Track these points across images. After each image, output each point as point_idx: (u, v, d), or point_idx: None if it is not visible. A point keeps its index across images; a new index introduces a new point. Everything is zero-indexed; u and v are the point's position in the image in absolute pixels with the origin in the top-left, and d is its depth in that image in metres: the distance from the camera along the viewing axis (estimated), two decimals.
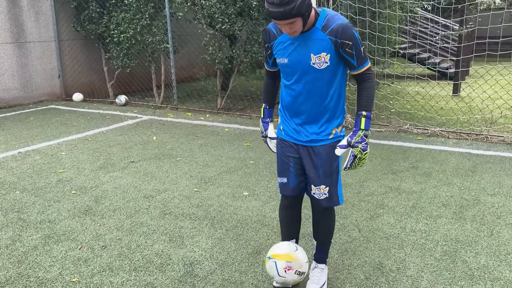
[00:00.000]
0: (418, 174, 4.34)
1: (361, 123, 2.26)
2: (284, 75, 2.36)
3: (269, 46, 2.35)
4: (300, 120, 2.34)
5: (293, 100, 2.32)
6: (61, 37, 8.83)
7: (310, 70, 2.22)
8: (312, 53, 2.19)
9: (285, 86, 2.37)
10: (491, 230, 3.18)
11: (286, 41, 2.25)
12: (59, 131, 6.30)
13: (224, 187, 4.09)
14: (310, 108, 2.30)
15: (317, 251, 2.57)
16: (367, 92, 2.28)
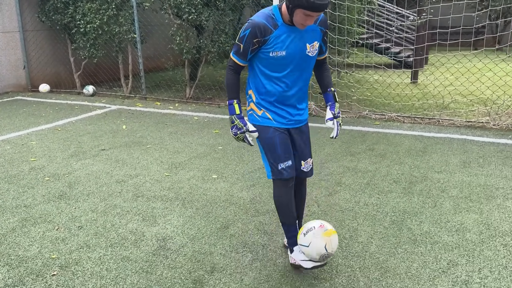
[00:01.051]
0: (374, 155, 4.70)
1: (334, 97, 2.65)
2: (273, 68, 2.44)
3: (261, 41, 2.37)
4: (290, 105, 2.56)
5: (284, 90, 2.50)
6: (25, 27, 8.72)
7: (305, 59, 2.46)
8: (307, 42, 2.43)
9: (271, 78, 2.47)
10: (435, 202, 3.55)
11: (282, 34, 2.37)
12: (28, 122, 6.33)
13: (194, 171, 4.32)
14: (298, 93, 2.56)
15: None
16: (327, 73, 2.70)
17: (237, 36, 2.46)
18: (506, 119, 5.79)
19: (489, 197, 3.62)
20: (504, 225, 3.16)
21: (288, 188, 2.58)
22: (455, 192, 3.73)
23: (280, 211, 2.64)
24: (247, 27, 2.39)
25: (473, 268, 2.66)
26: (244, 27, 2.41)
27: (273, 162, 2.55)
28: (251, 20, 2.41)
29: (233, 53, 2.48)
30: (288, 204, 2.60)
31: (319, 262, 2.49)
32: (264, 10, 2.45)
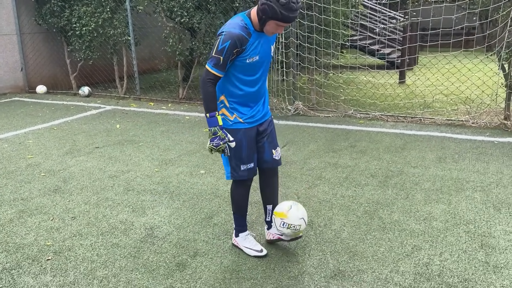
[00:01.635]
0: (355, 152, 4.94)
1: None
2: (248, 72, 2.61)
3: (240, 50, 2.51)
4: (260, 102, 2.81)
5: (256, 90, 2.72)
6: (22, 30, 8.94)
7: (269, 58, 2.77)
8: (271, 44, 2.74)
9: (246, 82, 2.64)
10: (407, 194, 3.79)
11: (254, 41, 2.56)
12: (25, 122, 6.55)
13: (183, 167, 4.55)
14: (264, 89, 2.83)
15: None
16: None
17: (214, 49, 2.49)
18: (484, 118, 6.03)
19: (459, 190, 3.86)
20: (469, 215, 3.39)
21: (246, 187, 2.87)
22: (427, 185, 3.96)
23: (234, 205, 2.93)
24: (226, 39, 2.45)
25: (435, 252, 2.89)
26: (222, 40, 2.46)
27: (235, 165, 2.75)
28: (228, 32, 2.48)
29: (212, 66, 2.51)
30: (244, 201, 2.91)
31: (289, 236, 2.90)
32: (236, 20, 2.56)
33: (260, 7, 2.49)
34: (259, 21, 2.53)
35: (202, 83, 2.57)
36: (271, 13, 2.44)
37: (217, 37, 2.54)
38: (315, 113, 6.77)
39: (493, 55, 5.96)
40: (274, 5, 2.41)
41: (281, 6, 2.40)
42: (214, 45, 2.52)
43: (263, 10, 2.46)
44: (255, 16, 2.55)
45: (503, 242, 2.98)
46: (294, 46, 6.78)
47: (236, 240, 2.98)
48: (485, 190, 3.83)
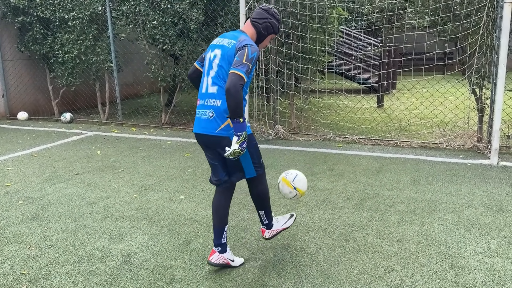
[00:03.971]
0: (333, 175, 5.04)
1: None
2: (249, 82, 2.79)
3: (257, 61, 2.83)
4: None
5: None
6: (4, 57, 8.97)
7: None
8: None
9: (245, 91, 2.84)
10: (382, 216, 3.88)
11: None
12: (5, 149, 6.51)
13: (163, 192, 4.58)
14: None
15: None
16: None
17: (244, 57, 2.66)
18: (458, 140, 6.23)
19: (432, 211, 3.97)
20: (441, 236, 3.49)
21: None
22: (401, 207, 4.07)
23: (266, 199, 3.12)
24: (254, 51, 2.71)
25: (407, 273, 2.97)
26: (250, 50, 2.70)
27: (258, 161, 2.98)
28: (253, 45, 2.75)
29: (245, 72, 2.64)
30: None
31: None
32: (246, 37, 2.85)
33: (261, 25, 2.88)
34: (259, 38, 2.92)
35: (235, 88, 2.58)
36: (274, 29, 2.92)
37: (242, 48, 2.72)
38: (296, 137, 6.90)
39: (464, 80, 6.21)
40: (274, 20, 2.90)
41: (278, 20, 2.93)
42: (242, 54, 2.68)
43: (267, 27, 2.90)
44: (253, 34, 2.90)
45: (472, 262, 3.08)
46: (274, 72, 6.95)
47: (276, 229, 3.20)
48: (457, 211, 3.95)
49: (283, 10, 6.73)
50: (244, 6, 6.22)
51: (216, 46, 2.88)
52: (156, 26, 7.31)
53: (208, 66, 2.88)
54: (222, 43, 2.85)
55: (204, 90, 2.87)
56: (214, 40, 2.98)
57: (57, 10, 7.98)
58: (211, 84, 2.82)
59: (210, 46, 2.94)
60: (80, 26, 7.89)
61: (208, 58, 2.89)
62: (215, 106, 2.79)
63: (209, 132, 2.82)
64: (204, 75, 2.91)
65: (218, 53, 2.83)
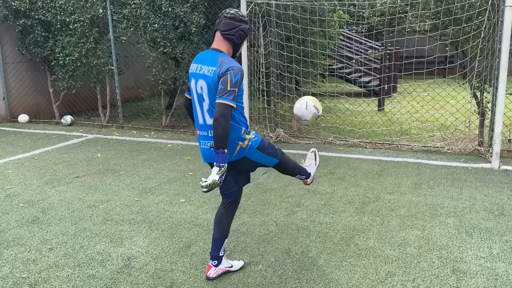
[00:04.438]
0: (334, 178, 5.03)
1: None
2: (241, 97, 2.73)
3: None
4: None
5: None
6: (5, 60, 8.97)
7: None
8: None
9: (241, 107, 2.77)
10: (383, 220, 3.87)
11: None
12: (6, 151, 6.51)
13: (163, 196, 4.57)
14: None
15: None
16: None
17: (227, 84, 2.54)
18: (459, 144, 6.22)
19: (433, 215, 3.95)
20: (443, 240, 3.48)
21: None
22: (403, 211, 4.06)
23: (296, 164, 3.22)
24: (237, 72, 2.58)
25: (408, 278, 2.95)
26: (233, 73, 2.57)
27: (275, 153, 2.96)
28: (235, 66, 2.61)
29: (231, 99, 2.54)
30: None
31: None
32: (227, 56, 2.72)
33: (234, 36, 2.74)
34: (235, 48, 2.79)
35: (224, 118, 2.51)
36: (246, 33, 2.79)
37: (224, 74, 2.58)
38: (296, 140, 6.89)
39: (465, 83, 6.20)
40: (244, 25, 2.77)
41: (246, 22, 2.79)
42: (225, 80, 2.56)
43: (240, 35, 2.76)
44: (229, 48, 2.76)
45: (474, 267, 3.06)
46: (274, 76, 6.95)
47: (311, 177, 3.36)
48: (458, 215, 3.94)
49: (284, 13, 6.74)
50: (245, 9, 6.22)
51: (199, 76, 2.71)
52: (157, 29, 7.31)
53: (198, 97, 2.75)
54: (203, 72, 2.69)
55: (202, 122, 2.78)
56: (193, 65, 2.77)
57: (58, 13, 7.99)
58: (209, 116, 2.73)
59: (191, 74, 2.77)
60: (81, 29, 7.90)
61: (195, 89, 2.75)
62: None
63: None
64: (197, 106, 2.78)
65: (203, 85, 2.69)
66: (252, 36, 6.82)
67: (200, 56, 2.79)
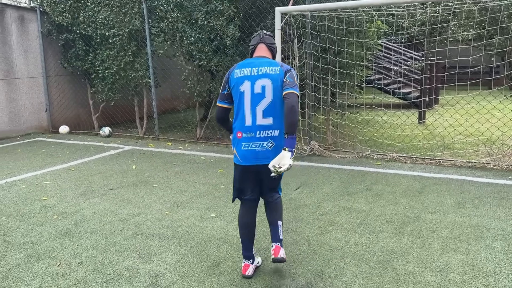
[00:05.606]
0: (371, 195, 4.81)
1: None
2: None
3: None
4: None
5: None
6: (48, 73, 9.33)
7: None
8: None
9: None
10: (424, 243, 3.62)
11: None
12: (45, 162, 6.69)
13: (194, 210, 4.51)
14: None
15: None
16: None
17: (295, 79, 2.86)
18: (507, 160, 5.83)
19: (479, 238, 3.67)
20: (489, 266, 3.20)
21: None
22: (445, 233, 3.79)
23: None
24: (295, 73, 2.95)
25: None
26: (295, 73, 2.92)
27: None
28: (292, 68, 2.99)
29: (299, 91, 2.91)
30: None
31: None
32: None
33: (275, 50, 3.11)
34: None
35: (297, 105, 2.80)
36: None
37: (289, 70, 2.89)
38: (331, 154, 6.70)
39: None
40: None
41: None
42: (292, 75, 2.87)
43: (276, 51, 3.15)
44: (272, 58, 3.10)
45: None
46: (309, 87, 6.81)
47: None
48: (507, 239, 3.63)
49: (320, 24, 6.61)
50: (279, 21, 6.15)
51: (258, 77, 2.85)
52: (193, 42, 7.37)
53: (253, 97, 2.86)
54: (265, 72, 2.86)
55: (251, 123, 2.86)
56: (243, 70, 2.91)
57: (99, 28, 8.23)
58: (262, 116, 2.84)
59: (245, 77, 2.88)
60: (120, 42, 8.08)
61: (251, 89, 2.85)
62: (274, 137, 2.88)
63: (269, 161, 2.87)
64: (247, 107, 2.86)
65: (267, 83, 2.83)
66: (286, 48, 6.73)
67: (251, 62, 2.94)
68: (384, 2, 5.61)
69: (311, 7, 6.18)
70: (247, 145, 2.88)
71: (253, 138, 2.87)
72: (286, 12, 6.25)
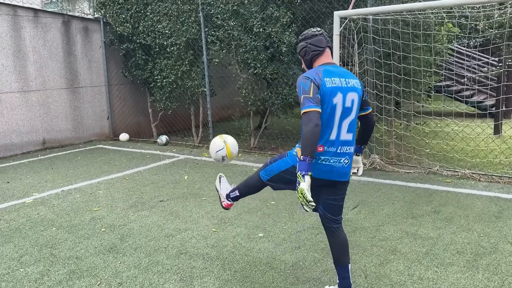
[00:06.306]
0: (439, 219, 4.28)
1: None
2: None
3: None
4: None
5: None
6: (110, 82, 9.60)
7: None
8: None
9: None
10: (503, 281, 3.08)
11: None
12: (101, 170, 6.79)
13: (241, 228, 4.25)
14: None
15: None
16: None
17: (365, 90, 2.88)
18: None
19: None
20: None
21: None
22: None
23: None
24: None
25: None
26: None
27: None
28: None
29: None
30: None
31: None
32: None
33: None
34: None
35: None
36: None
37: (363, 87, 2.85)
38: (394, 169, 6.17)
39: None
40: None
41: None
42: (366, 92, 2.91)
43: None
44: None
45: None
46: (370, 96, 6.34)
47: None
48: None
49: (383, 28, 6.14)
50: (338, 26, 5.77)
51: (349, 89, 2.66)
52: (248, 50, 7.18)
53: (343, 111, 2.65)
54: (352, 85, 2.69)
55: (335, 137, 2.67)
56: (334, 79, 2.62)
57: (157, 37, 8.31)
58: (346, 131, 2.68)
59: (338, 88, 2.61)
60: (178, 52, 8.10)
61: (342, 103, 2.63)
62: (350, 153, 2.74)
63: (345, 178, 2.76)
64: (336, 120, 2.65)
65: (355, 97, 2.69)
66: (345, 54, 6.32)
67: (336, 71, 2.69)
68: (456, 3, 5.05)
69: (373, 10, 5.73)
70: (326, 160, 2.67)
71: (333, 153, 2.67)
72: (345, 16, 5.85)
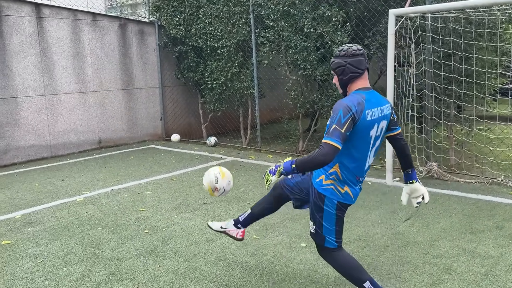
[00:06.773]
0: (502, 236, 3.87)
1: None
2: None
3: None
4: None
5: None
6: (164, 83, 9.79)
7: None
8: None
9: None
10: None
11: None
12: (151, 171, 6.90)
13: (283, 236, 4.09)
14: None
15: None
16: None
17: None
18: None
19: None
20: None
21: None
22: None
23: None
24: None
25: None
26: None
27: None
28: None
29: None
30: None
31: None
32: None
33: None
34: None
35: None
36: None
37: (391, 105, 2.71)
38: (453, 178, 5.73)
39: None
40: None
41: None
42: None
43: None
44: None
45: None
46: (428, 99, 5.94)
47: None
48: None
49: (442, 27, 5.72)
50: (393, 25, 5.44)
51: (381, 118, 2.58)
52: (297, 51, 7.00)
53: (374, 140, 2.59)
54: (385, 113, 2.60)
55: (367, 167, 2.65)
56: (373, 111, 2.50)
57: (209, 39, 8.35)
58: (372, 158, 2.67)
59: (374, 121, 2.51)
60: (228, 54, 8.09)
61: (375, 133, 2.56)
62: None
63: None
64: (370, 152, 2.61)
65: (384, 124, 2.63)
66: (401, 55, 5.96)
67: (376, 100, 2.57)
68: None
69: (432, 7, 5.35)
70: (359, 187, 2.69)
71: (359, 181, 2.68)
72: (402, 14, 5.51)
